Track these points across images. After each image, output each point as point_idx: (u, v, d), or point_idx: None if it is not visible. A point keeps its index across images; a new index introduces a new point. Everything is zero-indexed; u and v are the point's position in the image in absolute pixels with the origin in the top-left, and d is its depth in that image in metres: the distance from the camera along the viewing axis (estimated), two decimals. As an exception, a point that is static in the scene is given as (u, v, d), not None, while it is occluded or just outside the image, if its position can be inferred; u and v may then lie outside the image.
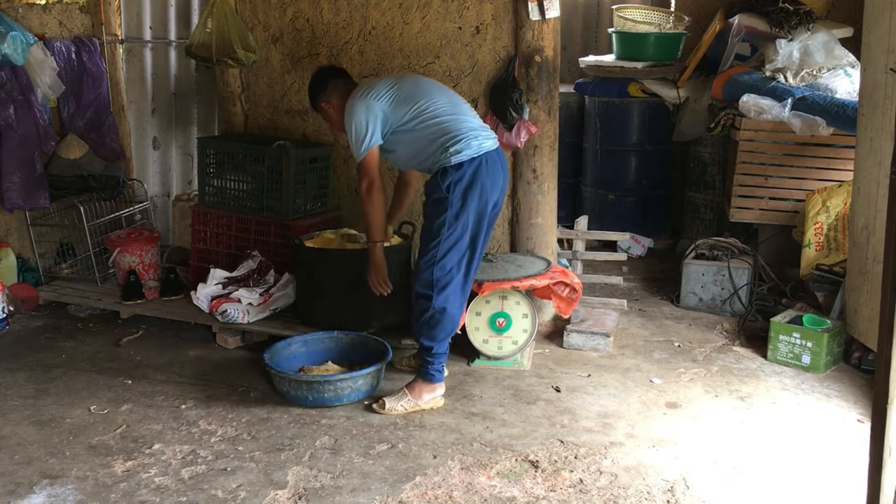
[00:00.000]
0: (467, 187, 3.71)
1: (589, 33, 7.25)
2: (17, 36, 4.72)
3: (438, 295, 3.72)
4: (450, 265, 3.73)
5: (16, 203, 4.99)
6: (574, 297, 4.40)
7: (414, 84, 3.92)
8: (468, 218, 3.73)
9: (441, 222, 3.71)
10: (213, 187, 5.02)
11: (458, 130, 3.76)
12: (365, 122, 3.78)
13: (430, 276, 3.72)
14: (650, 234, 6.26)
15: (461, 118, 3.81)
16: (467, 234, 3.76)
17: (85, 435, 3.62)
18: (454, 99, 3.92)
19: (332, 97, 4.00)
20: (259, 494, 3.17)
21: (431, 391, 3.83)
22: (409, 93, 3.83)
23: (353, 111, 3.81)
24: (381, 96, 3.81)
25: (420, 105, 3.80)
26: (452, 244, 3.72)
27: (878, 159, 4.16)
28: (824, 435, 3.62)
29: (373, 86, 3.87)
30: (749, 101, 5.36)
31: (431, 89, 3.90)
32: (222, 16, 4.98)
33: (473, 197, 3.72)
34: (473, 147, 3.73)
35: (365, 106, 3.80)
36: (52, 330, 4.81)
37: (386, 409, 3.77)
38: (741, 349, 4.51)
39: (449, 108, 3.82)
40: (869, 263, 4.23)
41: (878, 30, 4.12)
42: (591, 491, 3.19)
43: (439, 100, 3.84)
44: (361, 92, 3.85)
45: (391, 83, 3.88)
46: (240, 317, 4.51)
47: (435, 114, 3.79)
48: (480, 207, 3.75)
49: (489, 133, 3.87)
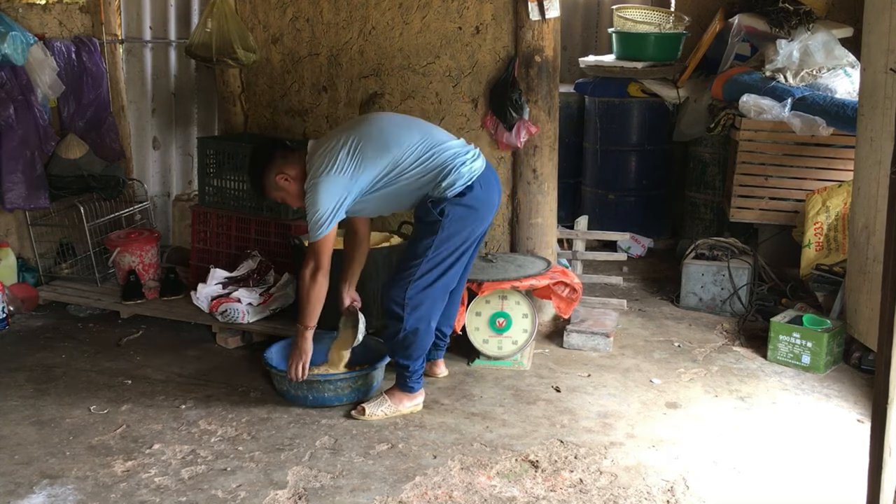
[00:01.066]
0: (464, 214, 3.57)
1: (589, 33, 7.25)
2: (17, 36, 4.72)
3: (410, 315, 3.60)
4: (425, 284, 3.59)
5: (16, 203, 4.99)
6: (574, 297, 4.40)
7: (378, 136, 3.58)
8: (458, 242, 3.60)
9: (428, 244, 3.56)
10: (213, 187, 5.02)
11: (443, 164, 3.55)
12: (331, 205, 3.49)
13: (403, 295, 3.57)
14: (650, 234, 6.26)
15: (438, 150, 3.58)
16: (453, 257, 3.62)
17: (85, 435, 3.62)
18: (424, 130, 3.66)
19: (286, 168, 3.64)
20: (259, 494, 3.17)
21: (412, 399, 3.80)
22: (374, 151, 3.54)
23: (319, 191, 3.49)
24: (345, 169, 3.50)
25: (392, 158, 3.54)
26: (433, 266, 3.59)
27: (878, 159, 4.16)
28: (824, 435, 3.62)
29: (332, 156, 3.52)
30: (749, 101, 5.35)
31: (396, 134, 3.59)
32: (222, 16, 4.98)
33: (468, 223, 3.60)
34: (465, 175, 3.56)
35: (331, 184, 3.49)
36: (52, 330, 4.81)
37: (366, 414, 3.73)
38: (741, 349, 4.51)
39: (423, 146, 3.57)
40: (869, 263, 4.23)
41: (878, 30, 4.12)
42: (591, 491, 3.19)
43: (409, 141, 3.57)
44: (323, 167, 3.51)
45: (352, 145, 3.53)
46: (240, 317, 4.51)
47: (412, 160, 3.56)
48: (474, 231, 3.64)
49: (474, 152, 3.67)
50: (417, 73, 4.80)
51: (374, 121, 3.73)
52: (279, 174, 3.65)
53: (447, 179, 3.54)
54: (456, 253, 3.63)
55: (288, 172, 3.65)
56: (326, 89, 5.07)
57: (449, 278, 3.67)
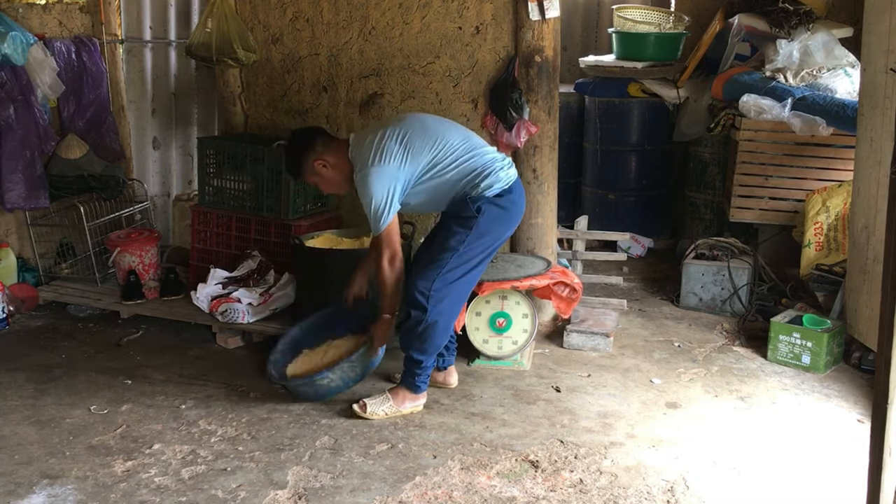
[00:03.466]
0: (499, 214, 3.67)
1: (589, 33, 7.25)
2: (17, 36, 4.72)
3: (434, 307, 3.63)
4: (452, 279, 3.65)
5: (16, 203, 4.99)
6: (574, 297, 4.40)
7: (422, 130, 3.69)
8: (489, 242, 3.68)
9: (461, 238, 3.62)
10: (213, 187, 5.02)
11: (484, 166, 3.67)
12: (385, 193, 3.57)
13: (430, 286, 3.61)
14: (650, 234, 6.25)
15: (479, 152, 3.71)
16: (481, 256, 3.69)
17: (85, 435, 3.62)
18: (464, 133, 3.79)
19: (325, 155, 3.75)
20: (259, 494, 3.17)
21: (414, 400, 3.80)
22: (421, 143, 3.64)
23: (370, 182, 3.57)
24: (394, 157, 3.59)
25: (436, 153, 3.65)
26: (462, 262, 3.64)
27: (878, 159, 4.16)
28: (824, 435, 3.62)
29: (381, 146, 3.61)
30: (749, 101, 5.35)
31: (440, 130, 3.72)
32: (222, 16, 4.98)
33: (501, 223, 3.70)
34: (503, 179, 3.67)
35: (381, 174, 3.57)
36: (52, 330, 4.81)
37: (367, 412, 3.74)
38: (741, 349, 4.51)
39: (464, 147, 3.69)
40: (869, 263, 4.23)
41: (878, 30, 4.12)
42: (591, 491, 3.19)
43: (452, 140, 3.69)
44: (372, 157, 3.60)
45: (399, 136, 3.64)
46: (240, 317, 4.51)
47: (454, 157, 3.66)
48: (503, 233, 3.75)
49: (508, 161, 3.80)
50: (417, 73, 4.80)
51: (418, 117, 3.86)
52: (318, 160, 3.74)
53: (487, 181, 3.64)
54: (484, 252, 3.71)
55: (327, 159, 3.74)
56: (326, 89, 5.07)
57: (473, 276, 3.74)
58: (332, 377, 3.81)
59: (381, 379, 4.09)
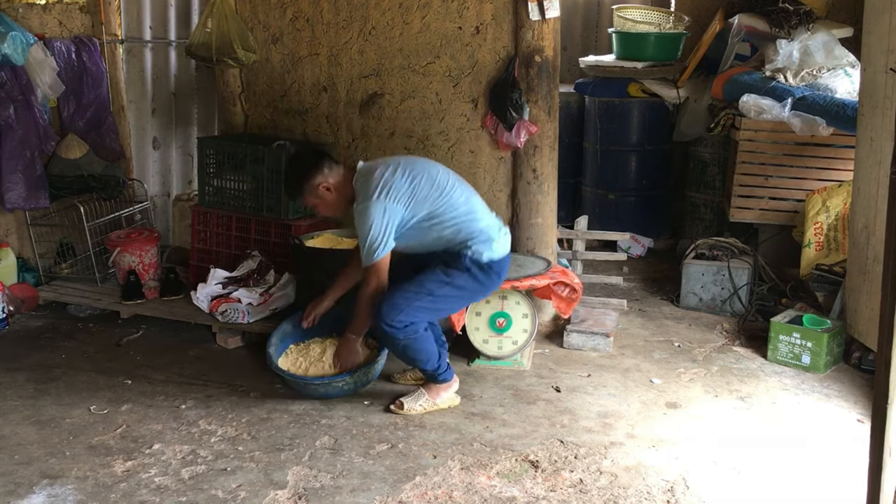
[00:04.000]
0: (482, 281, 3.75)
1: (589, 33, 7.24)
2: (17, 36, 4.72)
3: (400, 332, 3.65)
4: (418, 309, 3.67)
5: (16, 203, 4.99)
6: (574, 297, 4.40)
7: (430, 179, 3.71)
8: (462, 297, 3.79)
9: (439, 283, 3.69)
10: (213, 187, 5.02)
11: (481, 232, 3.73)
12: (383, 227, 3.59)
13: (395, 317, 3.62)
14: (650, 234, 6.25)
15: (478, 217, 3.76)
16: (450, 303, 3.80)
17: (85, 435, 3.62)
18: (468, 192, 3.82)
19: (330, 178, 3.77)
20: (259, 494, 3.17)
21: (448, 388, 3.86)
22: (427, 191, 3.68)
23: (371, 213, 3.59)
24: (400, 197, 3.63)
25: (438, 205, 3.69)
26: (431, 302, 3.69)
27: (878, 159, 4.16)
28: (824, 435, 3.62)
29: (390, 182, 3.64)
30: (749, 101, 5.35)
31: (447, 184, 3.74)
32: (222, 16, 4.98)
33: (478, 288, 3.79)
34: (495, 251, 3.75)
35: (385, 209, 3.60)
36: (52, 330, 4.81)
37: (405, 409, 3.78)
38: (741, 349, 4.51)
39: (465, 208, 3.74)
40: (869, 263, 4.23)
41: (878, 30, 4.12)
42: (591, 491, 3.19)
43: (456, 197, 3.73)
44: (379, 190, 3.62)
45: (408, 177, 3.67)
46: (240, 317, 4.51)
47: (453, 215, 3.70)
48: (477, 297, 3.88)
49: (505, 230, 3.87)
50: (417, 73, 4.80)
51: (429, 164, 3.86)
52: (323, 183, 3.76)
53: (480, 247, 3.71)
54: (454, 304, 3.82)
55: (332, 183, 3.77)
56: (326, 89, 5.07)
57: (439, 313, 3.84)
58: (349, 381, 3.89)
59: (381, 379, 4.10)
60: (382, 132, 4.96)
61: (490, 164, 4.77)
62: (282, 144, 4.81)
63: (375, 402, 3.90)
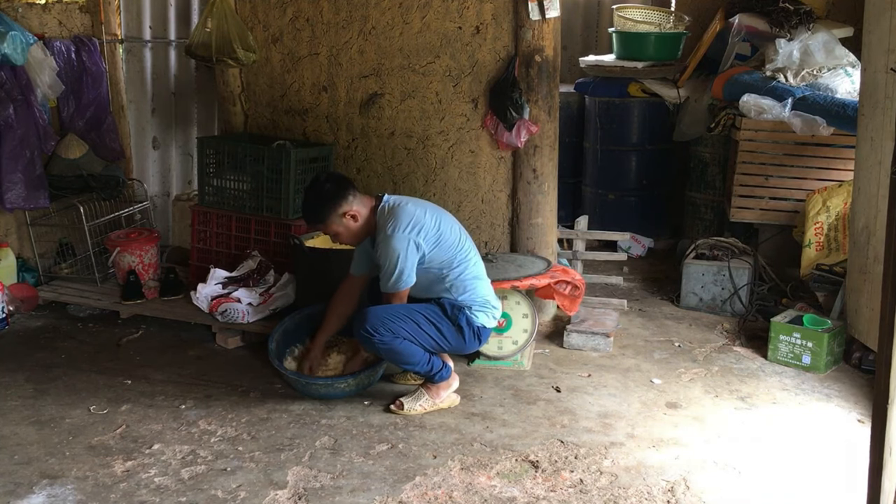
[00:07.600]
0: (467, 338, 3.80)
1: (589, 33, 7.24)
2: (16, 36, 4.72)
3: (377, 339, 3.65)
4: (399, 334, 3.67)
5: (16, 203, 4.99)
6: (577, 294, 4.39)
7: (452, 230, 3.81)
8: (443, 341, 3.78)
9: (429, 318, 3.73)
10: (213, 187, 5.02)
11: (484, 298, 3.82)
12: (409, 261, 3.65)
13: (378, 326, 3.63)
14: (650, 234, 6.25)
15: (483, 282, 3.86)
16: (431, 339, 3.75)
17: (85, 435, 3.62)
18: (477, 255, 3.90)
19: (356, 207, 3.75)
20: (259, 494, 3.17)
21: (447, 387, 3.86)
22: (448, 240, 3.76)
23: (398, 245, 3.63)
24: (428, 237, 3.70)
25: (453, 257, 3.76)
26: (414, 330, 3.70)
27: (879, 159, 4.16)
28: (825, 435, 3.62)
29: (421, 220, 3.71)
30: (749, 101, 5.35)
31: (465, 242, 3.84)
32: (222, 16, 4.98)
33: (459, 345, 3.83)
34: (486, 323, 3.84)
35: (411, 243, 3.65)
36: (52, 330, 4.81)
37: (405, 409, 3.78)
38: (741, 349, 4.51)
39: (475, 269, 3.83)
40: (869, 263, 4.23)
41: (878, 30, 4.12)
42: (591, 491, 3.18)
43: (471, 255, 3.83)
44: (410, 226, 3.67)
45: (436, 221, 3.75)
46: (240, 317, 4.51)
47: (464, 270, 3.78)
48: (454, 348, 3.86)
49: (496, 304, 3.90)
50: (417, 73, 4.80)
51: (452, 218, 3.93)
52: (349, 211, 3.74)
53: (477, 311, 3.80)
54: (429, 342, 3.77)
55: (358, 211, 3.76)
56: (326, 89, 5.06)
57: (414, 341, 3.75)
58: (351, 382, 3.89)
59: (381, 379, 4.10)
60: (382, 132, 4.96)
61: (490, 164, 4.77)
62: (282, 144, 4.81)
63: (375, 403, 3.90)
